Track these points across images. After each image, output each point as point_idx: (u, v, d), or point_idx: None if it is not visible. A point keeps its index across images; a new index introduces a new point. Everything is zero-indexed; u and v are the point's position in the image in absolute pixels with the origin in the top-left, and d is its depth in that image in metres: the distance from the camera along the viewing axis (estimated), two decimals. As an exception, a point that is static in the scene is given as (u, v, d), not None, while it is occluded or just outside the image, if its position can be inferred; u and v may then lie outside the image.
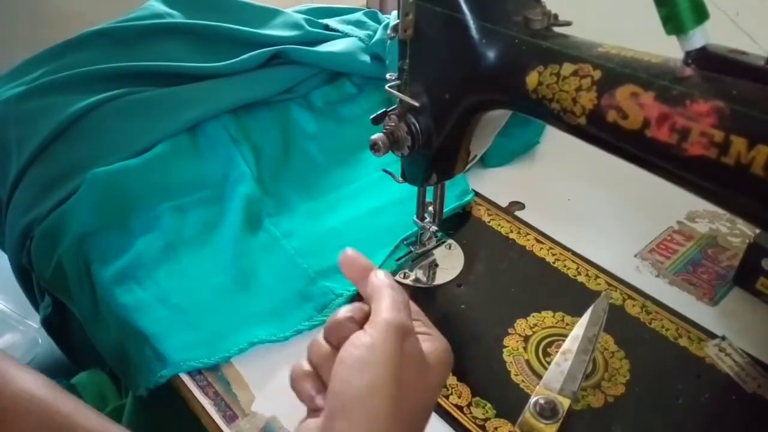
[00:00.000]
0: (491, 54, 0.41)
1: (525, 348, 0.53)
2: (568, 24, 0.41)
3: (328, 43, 0.84)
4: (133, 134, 0.66)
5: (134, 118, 0.66)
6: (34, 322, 0.80)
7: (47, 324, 0.64)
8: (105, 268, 0.56)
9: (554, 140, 0.79)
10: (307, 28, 0.85)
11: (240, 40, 0.81)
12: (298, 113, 0.77)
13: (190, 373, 0.50)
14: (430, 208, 0.58)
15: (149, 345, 0.51)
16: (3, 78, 0.76)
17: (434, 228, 0.58)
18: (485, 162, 0.74)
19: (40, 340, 0.78)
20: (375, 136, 0.50)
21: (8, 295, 0.86)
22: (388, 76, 0.50)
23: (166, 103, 0.70)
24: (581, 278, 0.61)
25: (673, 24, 0.32)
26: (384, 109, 0.50)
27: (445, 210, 0.59)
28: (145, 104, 0.70)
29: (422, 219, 0.58)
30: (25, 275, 0.63)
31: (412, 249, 0.60)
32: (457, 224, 0.66)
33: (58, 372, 0.64)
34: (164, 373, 0.49)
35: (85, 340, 0.58)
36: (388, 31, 0.49)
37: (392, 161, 0.56)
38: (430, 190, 0.57)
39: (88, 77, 0.72)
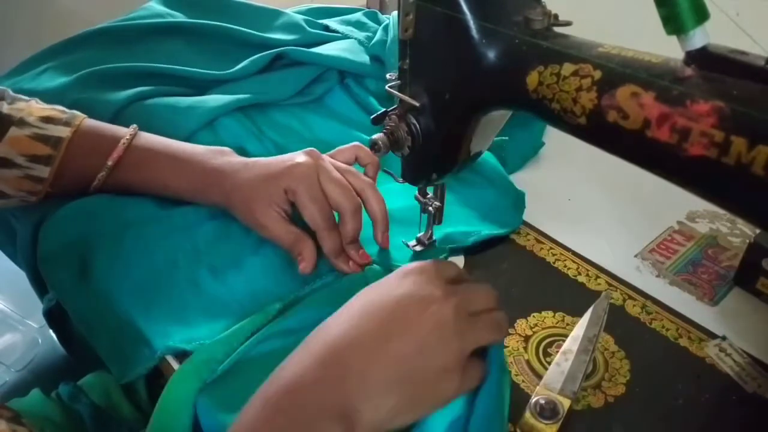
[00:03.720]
0: (491, 54, 0.41)
1: (525, 348, 0.53)
2: (568, 24, 0.41)
3: (329, 44, 0.84)
4: None
5: (151, 123, 0.66)
6: (34, 322, 0.80)
7: (49, 316, 0.64)
8: (117, 267, 0.56)
9: (554, 140, 0.79)
10: (308, 29, 0.85)
11: (241, 41, 0.81)
12: (309, 116, 0.77)
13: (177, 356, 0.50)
14: (431, 208, 0.57)
15: (140, 332, 0.50)
16: (3, 76, 0.76)
17: (437, 204, 0.57)
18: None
19: (40, 341, 0.78)
20: (375, 136, 0.50)
21: (8, 296, 0.86)
22: (388, 76, 0.50)
23: (183, 106, 0.71)
24: (581, 278, 0.61)
25: (674, 24, 0.32)
26: (384, 110, 0.50)
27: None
28: (162, 110, 0.70)
29: (424, 195, 0.58)
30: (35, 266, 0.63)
31: (412, 248, 0.60)
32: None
33: (59, 373, 0.64)
34: (156, 356, 0.49)
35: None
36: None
37: (394, 162, 0.56)
38: (430, 190, 0.57)
39: (97, 76, 0.72)
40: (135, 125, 0.60)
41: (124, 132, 0.60)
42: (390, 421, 0.38)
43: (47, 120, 0.57)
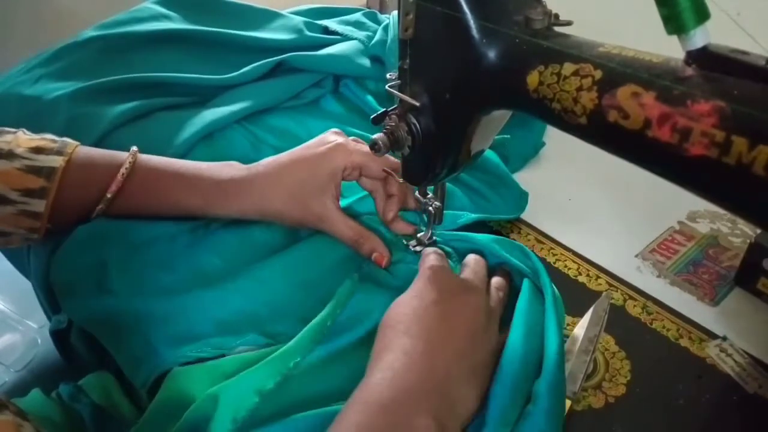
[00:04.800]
0: (492, 54, 0.41)
1: (526, 348, 0.53)
2: (568, 24, 0.40)
3: (329, 47, 0.84)
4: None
5: (149, 139, 0.65)
6: (33, 322, 0.80)
7: (55, 334, 0.63)
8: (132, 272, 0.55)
9: (555, 140, 0.79)
10: (306, 32, 0.85)
11: (239, 46, 0.81)
12: (305, 118, 0.77)
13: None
14: (431, 209, 0.57)
15: (148, 339, 0.50)
16: (1, 79, 0.75)
17: (437, 204, 0.57)
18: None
19: (39, 341, 0.78)
20: (375, 136, 0.50)
21: (8, 296, 0.86)
22: (388, 75, 0.50)
23: (180, 121, 0.70)
24: (582, 278, 0.60)
25: (674, 24, 0.32)
26: (384, 110, 0.50)
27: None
28: (159, 125, 0.69)
29: (424, 195, 0.57)
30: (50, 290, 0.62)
31: (412, 249, 0.60)
32: (457, 224, 0.66)
33: (58, 373, 0.64)
34: (159, 366, 0.49)
35: (90, 352, 0.58)
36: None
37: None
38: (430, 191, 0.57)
39: (94, 90, 0.71)
40: (135, 148, 0.57)
41: (121, 158, 0.57)
42: (474, 409, 0.44)
43: (37, 150, 0.54)
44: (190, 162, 0.60)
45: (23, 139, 0.55)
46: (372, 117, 0.50)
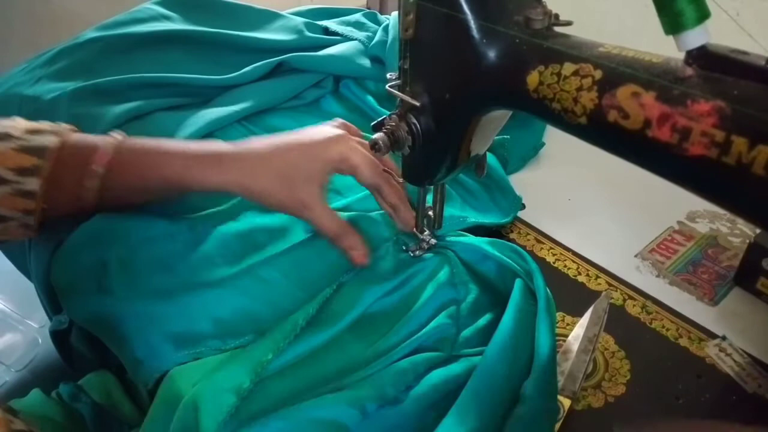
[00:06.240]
0: (492, 54, 0.41)
1: (525, 348, 0.53)
2: (569, 24, 0.41)
3: (330, 48, 0.84)
4: None
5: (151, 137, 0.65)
6: (34, 322, 0.80)
7: (54, 335, 0.63)
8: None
9: (555, 140, 0.79)
10: (307, 33, 0.85)
11: (240, 47, 0.81)
12: (305, 118, 0.77)
13: None
14: (430, 213, 0.57)
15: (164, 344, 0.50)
16: (2, 79, 0.75)
17: (433, 241, 0.58)
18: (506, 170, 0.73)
19: (40, 340, 0.78)
20: (375, 136, 0.50)
21: (8, 295, 0.86)
22: (388, 75, 0.50)
23: (181, 121, 0.70)
24: (581, 278, 0.61)
25: (674, 23, 0.32)
26: (384, 116, 0.51)
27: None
28: (159, 125, 0.69)
29: (421, 231, 0.58)
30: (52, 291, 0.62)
31: (411, 253, 0.60)
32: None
33: (59, 373, 0.64)
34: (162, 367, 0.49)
35: (91, 351, 0.58)
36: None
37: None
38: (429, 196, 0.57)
39: (94, 90, 0.71)
40: (122, 131, 0.58)
41: (112, 138, 0.57)
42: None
43: (33, 132, 0.55)
44: (179, 140, 0.59)
45: (21, 123, 0.56)
46: (372, 124, 0.51)
